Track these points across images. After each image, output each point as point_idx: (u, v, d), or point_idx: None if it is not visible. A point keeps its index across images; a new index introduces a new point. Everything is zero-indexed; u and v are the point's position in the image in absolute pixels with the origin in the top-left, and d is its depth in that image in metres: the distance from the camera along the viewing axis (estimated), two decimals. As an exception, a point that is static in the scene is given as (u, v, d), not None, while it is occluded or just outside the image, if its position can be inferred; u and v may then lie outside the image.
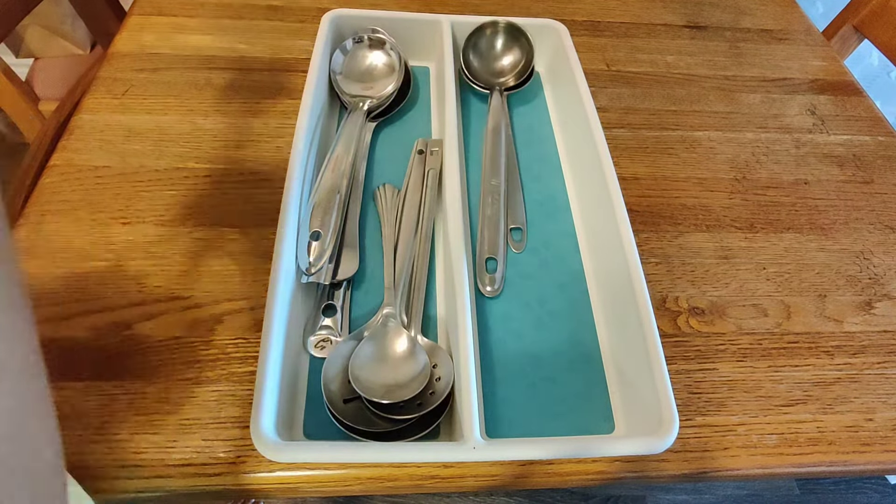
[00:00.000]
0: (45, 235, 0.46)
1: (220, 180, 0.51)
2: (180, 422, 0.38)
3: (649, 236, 0.52)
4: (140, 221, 0.47)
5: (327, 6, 0.61)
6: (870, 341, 0.47)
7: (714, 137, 0.61)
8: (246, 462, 0.37)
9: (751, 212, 0.55)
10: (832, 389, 0.44)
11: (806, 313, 0.48)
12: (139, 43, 0.61)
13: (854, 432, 0.42)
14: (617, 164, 0.48)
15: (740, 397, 0.43)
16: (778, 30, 0.75)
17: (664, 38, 0.72)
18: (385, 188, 0.50)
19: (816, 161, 0.60)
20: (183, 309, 0.43)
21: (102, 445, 0.37)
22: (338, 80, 0.56)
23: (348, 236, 0.46)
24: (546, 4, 0.74)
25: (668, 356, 0.44)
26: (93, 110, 0.54)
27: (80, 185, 0.49)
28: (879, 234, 0.54)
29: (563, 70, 0.58)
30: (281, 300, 0.38)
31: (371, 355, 0.39)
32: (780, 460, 0.41)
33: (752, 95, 0.66)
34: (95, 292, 0.43)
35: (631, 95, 0.64)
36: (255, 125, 0.55)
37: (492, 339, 0.44)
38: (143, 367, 0.40)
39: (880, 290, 0.50)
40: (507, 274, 0.47)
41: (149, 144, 0.53)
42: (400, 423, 0.37)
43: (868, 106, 0.67)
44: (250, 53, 0.62)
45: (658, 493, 1.10)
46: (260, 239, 0.47)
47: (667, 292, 0.48)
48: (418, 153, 0.53)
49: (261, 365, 0.35)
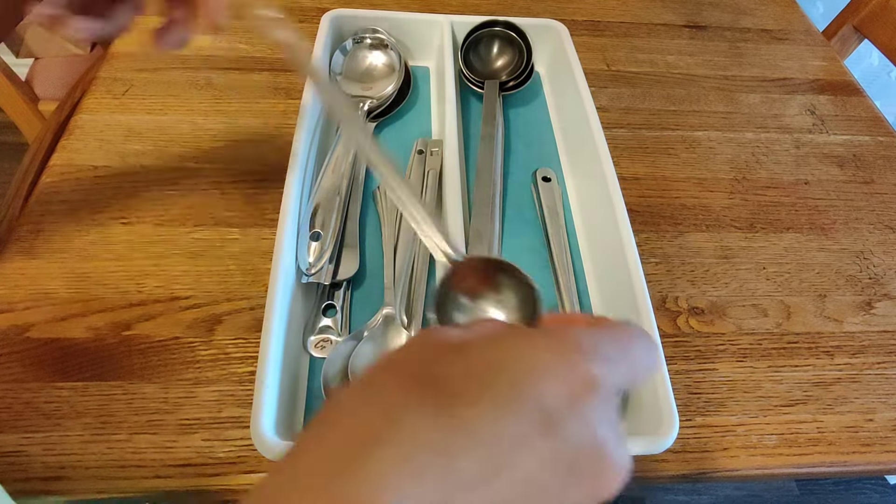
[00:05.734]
0: (45, 235, 0.46)
1: (219, 180, 0.51)
2: (180, 422, 0.38)
3: (649, 236, 0.52)
4: (140, 221, 0.47)
5: (327, 6, 0.61)
6: (870, 341, 0.47)
7: (714, 137, 0.61)
8: (246, 462, 0.37)
9: (751, 212, 0.55)
10: (832, 389, 0.44)
11: (806, 313, 0.48)
12: (139, 43, 0.61)
13: (854, 432, 0.42)
14: (617, 164, 0.48)
15: (740, 397, 0.43)
16: (778, 30, 0.75)
17: (664, 38, 0.72)
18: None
19: (816, 161, 0.60)
20: (183, 309, 0.43)
21: (102, 445, 0.37)
22: (338, 81, 0.56)
23: (348, 236, 0.46)
24: (546, 4, 0.74)
25: (667, 356, 0.44)
26: (93, 110, 0.54)
27: (80, 185, 0.49)
28: (879, 234, 0.54)
29: (563, 70, 0.58)
30: (281, 300, 0.38)
31: (371, 355, 0.39)
32: (779, 460, 0.40)
33: (752, 95, 0.66)
34: (95, 292, 0.43)
35: (631, 95, 0.64)
36: (255, 125, 0.55)
37: (492, 339, 0.44)
38: (143, 367, 0.40)
39: (880, 290, 0.50)
40: (507, 274, 0.47)
41: (149, 144, 0.53)
42: (400, 423, 0.37)
43: (868, 106, 0.67)
44: (250, 53, 0.62)
45: (658, 494, 1.10)
46: (260, 239, 0.47)
47: (667, 292, 0.48)
48: (418, 153, 0.53)
49: (261, 365, 0.35)
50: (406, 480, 0.15)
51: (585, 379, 0.18)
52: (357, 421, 0.17)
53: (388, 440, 0.16)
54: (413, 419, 0.16)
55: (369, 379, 0.19)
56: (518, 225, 0.51)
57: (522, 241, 0.50)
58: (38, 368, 0.39)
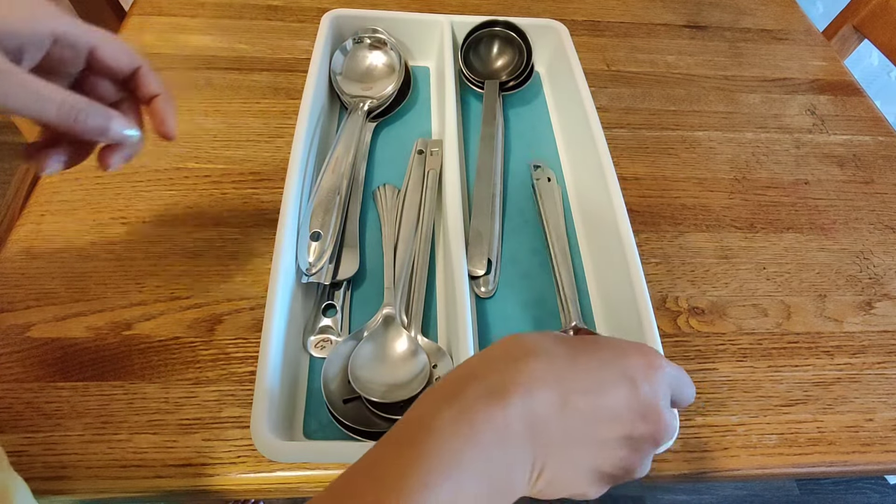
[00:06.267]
0: (45, 235, 0.46)
1: (220, 180, 0.51)
2: (180, 422, 0.38)
3: (649, 236, 0.52)
4: (140, 221, 0.47)
5: (327, 6, 0.61)
6: (870, 341, 0.47)
7: (714, 137, 0.61)
8: (246, 462, 0.37)
9: (751, 212, 0.55)
10: (832, 389, 0.44)
11: (806, 313, 0.48)
12: (139, 43, 0.61)
13: (854, 432, 0.42)
14: (617, 164, 0.48)
15: (740, 397, 0.43)
16: (778, 30, 0.75)
17: (664, 38, 0.72)
18: (385, 188, 0.50)
19: (816, 161, 0.60)
20: (183, 309, 0.43)
21: (102, 445, 0.37)
22: (338, 81, 0.56)
23: (348, 236, 0.46)
24: (546, 4, 0.74)
25: (668, 356, 0.44)
26: (93, 110, 0.54)
27: (80, 185, 0.49)
28: (879, 234, 0.54)
29: (563, 70, 0.58)
30: (281, 300, 0.38)
31: (371, 355, 0.39)
32: (779, 460, 0.41)
33: (752, 95, 0.66)
34: (95, 292, 0.43)
35: (631, 95, 0.64)
36: (255, 125, 0.55)
37: (492, 339, 0.44)
38: (143, 367, 0.40)
39: (880, 290, 0.50)
40: (507, 274, 0.47)
41: (149, 144, 0.52)
42: (400, 423, 0.37)
43: (868, 106, 0.67)
44: (250, 53, 0.62)
45: (658, 494, 1.10)
46: (260, 239, 0.47)
47: (667, 292, 0.48)
48: (418, 153, 0.53)
49: (261, 365, 0.35)
50: (538, 382, 0.24)
51: (655, 364, 0.26)
52: (515, 348, 0.26)
53: (535, 358, 0.25)
54: (548, 357, 0.25)
55: (516, 336, 0.27)
56: (518, 225, 0.51)
57: (522, 241, 0.50)
58: (39, 368, 0.39)
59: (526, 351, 0.25)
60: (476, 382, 0.24)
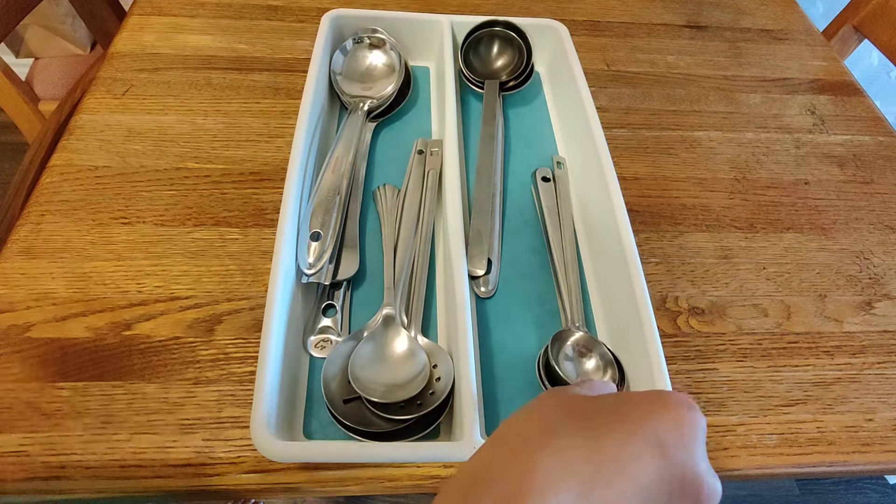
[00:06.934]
0: (45, 235, 0.46)
1: (220, 180, 0.51)
2: (180, 422, 0.38)
3: (649, 236, 0.52)
4: (140, 221, 0.47)
5: (327, 6, 0.61)
6: (870, 341, 0.47)
7: (714, 137, 0.61)
8: (246, 462, 0.37)
9: (751, 212, 0.55)
10: (832, 389, 0.44)
11: (806, 313, 0.48)
12: (139, 43, 0.61)
13: (854, 432, 0.42)
14: (617, 164, 0.48)
15: (740, 397, 0.43)
16: (778, 30, 0.75)
17: (664, 38, 0.72)
18: (385, 188, 0.50)
19: (816, 161, 0.60)
20: (183, 309, 0.43)
21: (102, 445, 0.37)
22: (338, 81, 0.56)
23: (348, 236, 0.46)
24: (546, 4, 0.74)
25: (668, 356, 0.44)
26: (93, 110, 0.54)
27: (80, 185, 0.49)
28: (879, 234, 0.54)
29: (563, 70, 0.58)
30: (281, 300, 0.38)
31: (371, 355, 0.39)
32: (779, 460, 0.40)
33: (752, 95, 0.66)
34: (95, 292, 0.43)
35: (631, 95, 0.64)
36: (255, 125, 0.55)
37: (492, 339, 0.44)
38: (142, 367, 0.40)
39: (880, 290, 0.50)
40: (507, 274, 0.47)
41: (149, 144, 0.53)
42: (400, 423, 0.37)
43: (868, 106, 0.67)
44: (250, 53, 0.62)
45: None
46: (260, 239, 0.47)
47: (667, 292, 0.48)
48: (418, 153, 0.53)
49: (261, 365, 0.35)
50: (553, 485, 0.21)
51: (684, 421, 0.24)
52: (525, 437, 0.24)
53: (550, 452, 0.22)
54: (564, 446, 0.23)
55: (527, 411, 0.25)
56: (518, 225, 0.51)
57: (522, 241, 0.50)
58: (39, 368, 0.39)
59: (540, 441, 0.23)
60: (486, 489, 0.22)
